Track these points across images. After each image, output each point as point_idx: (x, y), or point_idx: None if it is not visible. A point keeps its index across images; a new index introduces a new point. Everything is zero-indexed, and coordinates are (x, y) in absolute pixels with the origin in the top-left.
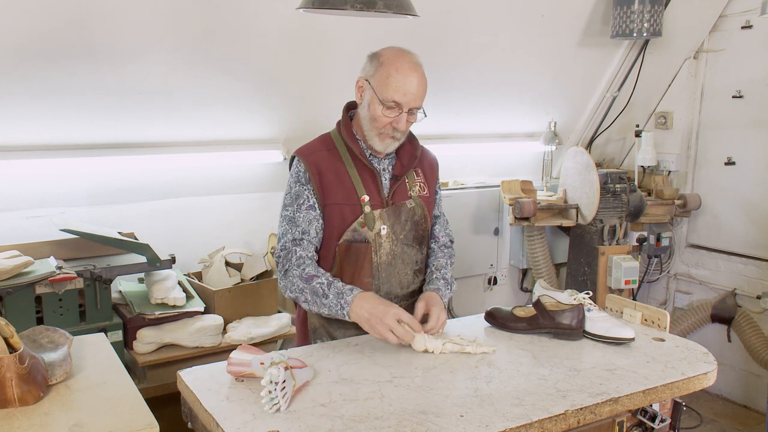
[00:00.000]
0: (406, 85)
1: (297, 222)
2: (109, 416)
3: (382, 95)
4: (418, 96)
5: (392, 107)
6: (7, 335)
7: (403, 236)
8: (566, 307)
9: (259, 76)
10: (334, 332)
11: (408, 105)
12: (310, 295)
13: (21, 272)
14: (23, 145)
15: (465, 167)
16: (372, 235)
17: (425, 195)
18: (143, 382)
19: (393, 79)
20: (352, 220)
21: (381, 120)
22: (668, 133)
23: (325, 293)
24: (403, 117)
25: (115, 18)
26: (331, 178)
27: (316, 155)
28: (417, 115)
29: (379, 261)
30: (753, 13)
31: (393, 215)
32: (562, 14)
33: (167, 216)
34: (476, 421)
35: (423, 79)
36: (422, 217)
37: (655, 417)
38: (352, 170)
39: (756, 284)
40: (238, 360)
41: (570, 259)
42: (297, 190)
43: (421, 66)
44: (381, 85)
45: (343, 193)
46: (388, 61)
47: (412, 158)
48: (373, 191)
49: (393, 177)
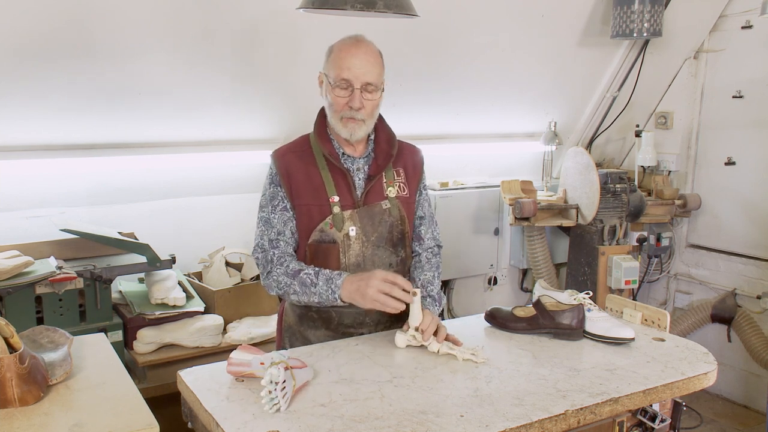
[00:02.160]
0: (350, 60)
1: (272, 223)
2: (109, 416)
3: (332, 78)
4: (366, 71)
5: (343, 87)
6: (7, 335)
7: (374, 238)
8: (566, 307)
9: (259, 76)
10: (305, 332)
11: (358, 80)
12: (299, 287)
13: (21, 272)
14: (23, 145)
15: (465, 167)
16: (340, 236)
17: (404, 195)
18: (143, 382)
19: (337, 58)
20: (319, 221)
21: (337, 102)
22: (668, 133)
23: (314, 282)
24: (356, 94)
25: (115, 18)
26: (300, 178)
27: (288, 156)
28: (376, 93)
29: (348, 262)
30: (753, 13)
31: (365, 216)
32: (562, 14)
33: (167, 216)
34: (476, 421)
35: (369, 54)
36: (398, 218)
37: (655, 417)
38: (324, 171)
39: (756, 284)
40: (238, 360)
41: (570, 259)
42: (272, 191)
43: (366, 42)
44: (331, 69)
45: (312, 193)
46: (336, 47)
47: (388, 157)
48: (344, 192)
49: (368, 177)
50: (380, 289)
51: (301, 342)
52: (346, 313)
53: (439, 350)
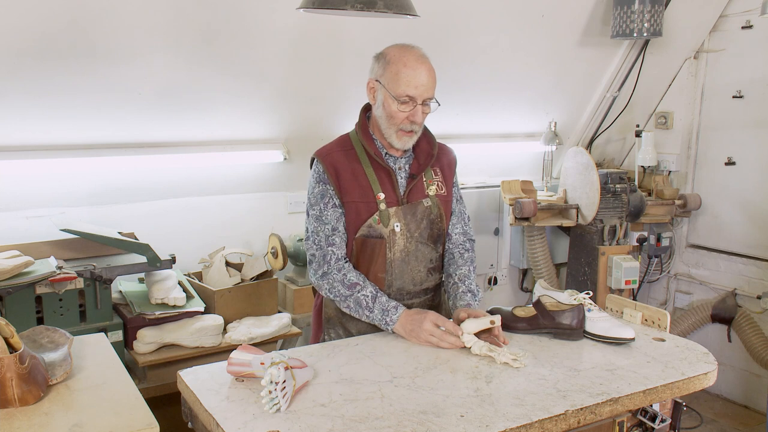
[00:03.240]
0: (416, 78)
1: (325, 219)
2: (109, 416)
3: (395, 92)
4: (429, 87)
5: (406, 102)
6: (7, 335)
7: (417, 234)
8: (566, 307)
9: (260, 76)
10: (347, 323)
11: (421, 97)
12: (353, 304)
13: (21, 272)
14: (23, 145)
15: (465, 167)
16: (387, 231)
17: (443, 194)
18: (143, 382)
19: (402, 74)
20: (367, 217)
21: (398, 116)
22: (668, 133)
23: (369, 306)
24: (418, 109)
25: (115, 18)
26: (347, 176)
27: (333, 156)
28: (431, 105)
29: (393, 257)
30: (753, 13)
31: (408, 213)
32: (562, 14)
33: (167, 216)
34: (476, 421)
35: (431, 70)
36: (438, 216)
37: (656, 417)
38: (369, 169)
39: (756, 284)
40: (238, 360)
41: (570, 259)
42: (321, 189)
43: (427, 58)
44: (392, 82)
45: (359, 191)
46: (395, 58)
47: (429, 157)
48: (389, 189)
49: (410, 176)
50: (431, 333)
51: (342, 332)
52: None
53: (481, 350)
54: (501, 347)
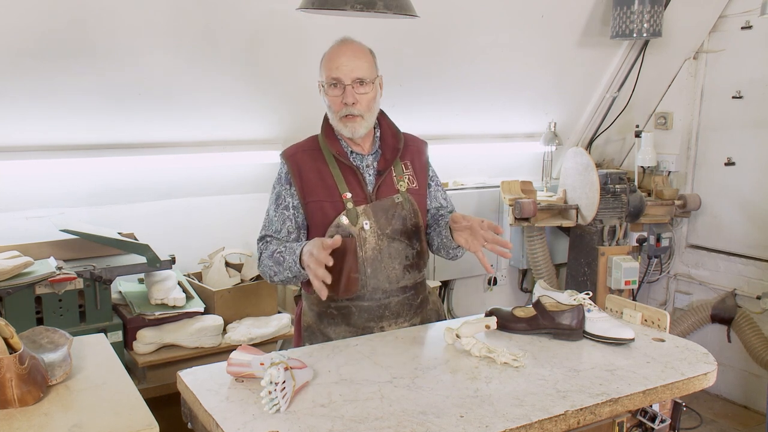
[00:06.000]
0: (338, 59)
1: (272, 221)
2: (109, 416)
3: (325, 80)
4: (354, 66)
5: (334, 85)
6: (7, 336)
7: (389, 231)
8: (566, 307)
9: (259, 77)
10: (325, 329)
11: (348, 76)
12: (276, 267)
13: (21, 273)
14: (23, 145)
15: (465, 167)
16: (356, 230)
17: (414, 188)
18: (143, 383)
19: (326, 60)
20: (334, 216)
21: (333, 102)
22: (668, 134)
23: (283, 256)
24: (348, 90)
25: (115, 18)
26: (312, 176)
27: (298, 156)
28: (369, 87)
29: (365, 255)
30: (753, 14)
31: (378, 210)
32: (562, 14)
33: (167, 216)
34: (476, 421)
35: (356, 51)
36: (411, 211)
37: (655, 417)
38: (335, 169)
39: (756, 284)
40: (238, 360)
41: (570, 259)
42: (278, 190)
43: (352, 41)
44: (322, 72)
45: (325, 190)
46: (325, 52)
47: (395, 151)
48: (356, 188)
49: (377, 172)
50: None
51: (322, 340)
52: (365, 307)
53: (480, 351)
54: (507, 247)
